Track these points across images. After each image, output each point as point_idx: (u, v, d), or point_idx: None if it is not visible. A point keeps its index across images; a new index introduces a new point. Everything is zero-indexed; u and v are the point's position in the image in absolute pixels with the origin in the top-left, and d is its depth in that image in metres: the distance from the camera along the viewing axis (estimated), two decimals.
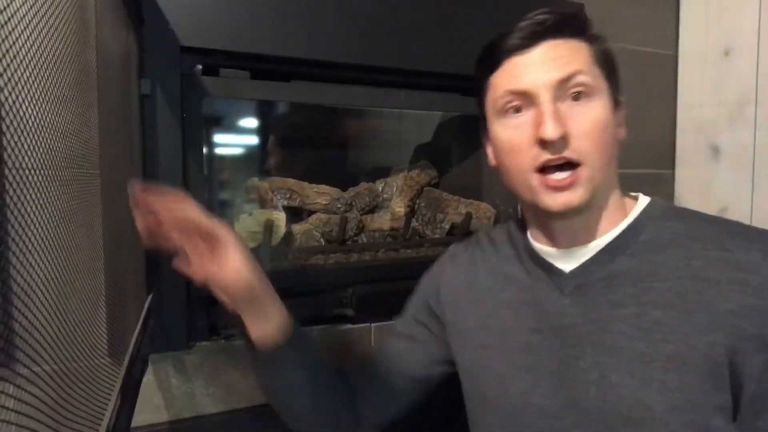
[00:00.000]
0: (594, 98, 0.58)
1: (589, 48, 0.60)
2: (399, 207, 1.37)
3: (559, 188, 0.57)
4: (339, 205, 1.30)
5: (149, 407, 0.91)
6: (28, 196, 0.32)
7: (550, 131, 0.56)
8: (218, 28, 0.93)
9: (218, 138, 1.28)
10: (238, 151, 1.38)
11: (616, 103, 0.61)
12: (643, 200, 0.64)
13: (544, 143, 0.57)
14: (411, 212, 1.38)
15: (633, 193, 0.66)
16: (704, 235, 0.58)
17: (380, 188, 1.42)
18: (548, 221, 0.63)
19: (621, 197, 0.64)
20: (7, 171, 0.30)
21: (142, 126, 0.88)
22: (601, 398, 0.57)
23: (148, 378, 0.90)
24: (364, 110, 1.44)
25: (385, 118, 1.51)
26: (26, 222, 0.32)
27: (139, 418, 0.89)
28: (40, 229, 0.35)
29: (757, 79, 1.34)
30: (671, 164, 1.50)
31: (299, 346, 0.68)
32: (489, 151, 0.69)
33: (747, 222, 0.62)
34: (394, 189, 1.41)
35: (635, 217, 0.62)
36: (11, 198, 0.30)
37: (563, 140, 0.56)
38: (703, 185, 1.43)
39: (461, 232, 1.34)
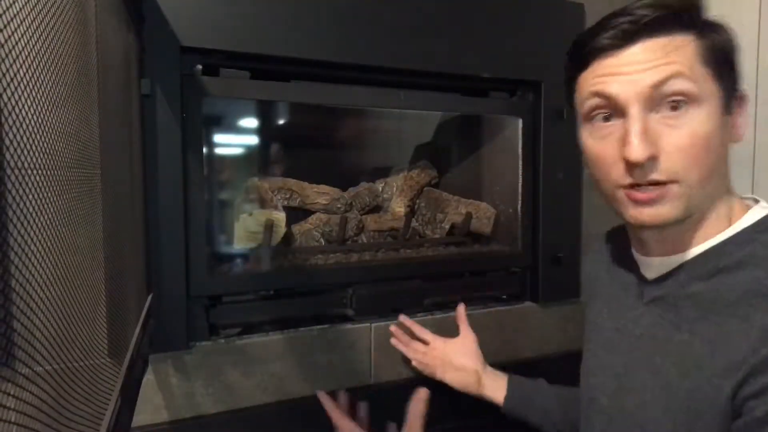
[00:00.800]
0: (696, 106, 0.51)
1: (697, 44, 0.51)
2: (399, 207, 1.37)
3: (645, 202, 0.52)
4: (339, 205, 1.30)
5: (149, 407, 0.91)
6: (28, 196, 0.32)
7: (635, 153, 0.50)
8: (218, 28, 0.93)
9: (218, 138, 1.28)
10: (238, 151, 1.38)
11: (727, 106, 0.54)
12: (751, 215, 0.56)
13: (629, 163, 0.51)
14: (411, 212, 1.38)
15: (750, 199, 0.59)
16: None
17: (380, 188, 1.42)
18: (637, 230, 0.60)
19: (729, 205, 0.57)
20: (7, 171, 0.30)
21: (142, 126, 0.88)
22: (638, 413, 0.57)
23: (148, 378, 0.90)
24: (364, 110, 1.44)
25: (385, 118, 1.51)
26: (26, 222, 0.32)
27: (139, 418, 0.89)
28: (40, 229, 0.35)
29: (757, 78, 1.34)
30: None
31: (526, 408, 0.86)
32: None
33: None
34: (394, 189, 1.41)
35: (725, 238, 0.55)
36: (12, 198, 0.30)
37: (652, 161, 0.50)
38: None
39: (461, 232, 1.34)
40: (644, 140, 0.50)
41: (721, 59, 0.53)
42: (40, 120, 0.36)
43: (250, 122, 1.37)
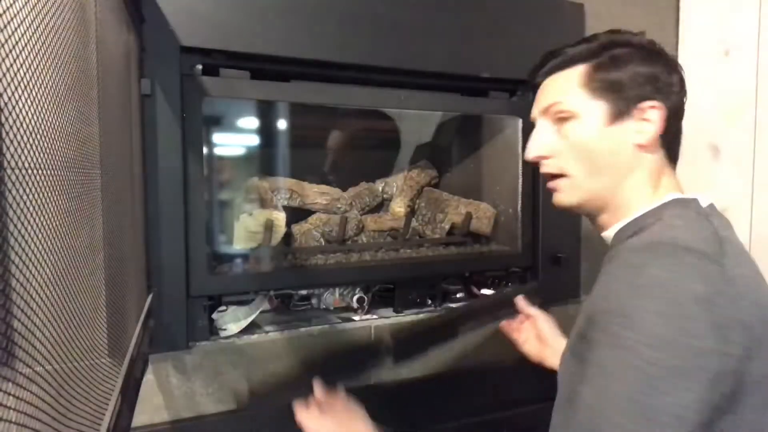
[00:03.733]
0: (575, 120, 0.66)
1: (584, 70, 0.66)
2: (399, 207, 1.37)
3: (551, 189, 0.70)
4: (339, 205, 1.30)
5: (149, 407, 0.91)
6: (28, 196, 0.32)
7: (527, 154, 0.71)
8: (218, 28, 0.93)
9: (218, 138, 1.28)
10: (238, 151, 1.38)
11: (616, 116, 0.65)
12: (666, 198, 0.65)
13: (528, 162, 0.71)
14: (411, 212, 1.38)
15: (668, 194, 0.67)
16: (643, 234, 0.62)
17: (380, 188, 1.42)
18: None
19: (648, 193, 0.67)
20: (7, 171, 0.30)
21: (142, 126, 0.88)
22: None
23: (148, 378, 0.90)
24: (364, 110, 1.44)
25: (385, 118, 1.51)
26: (26, 222, 0.32)
27: (139, 418, 0.89)
28: (40, 229, 0.35)
29: (757, 79, 1.34)
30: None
31: None
32: None
33: (746, 222, 0.62)
34: (394, 189, 1.41)
35: (643, 212, 0.65)
36: (12, 198, 0.30)
37: (546, 158, 0.68)
38: (703, 185, 1.43)
39: (461, 232, 1.34)
40: (532, 145, 0.70)
41: (605, 80, 0.66)
42: (40, 120, 0.36)
43: (250, 122, 1.37)
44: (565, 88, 0.68)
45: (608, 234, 0.69)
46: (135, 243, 0.80)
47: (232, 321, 1.03)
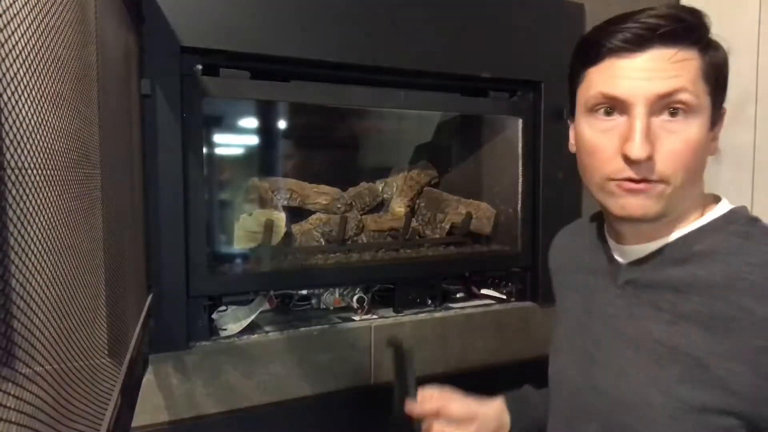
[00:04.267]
0: (692, 117, 0.55)
1: (701, 60, 0.56)
2: (399, 207, 1.37)
3: (634, 192, 0.56)
4: (339, 205, 1.30)
5: (149, 407, 0.91)
6: (28, 196, 0.32)
7: (637, 151, 0.54)
8: (218, 28, 0.93)
9: (218, 138, 1.28)
10: (238, 151, 1.38)
11: (714, 122, 0.58)
12: (721, 208, 0.61)
13: (628, 159, 0.55)
14: (411, 212, 1.38)
15: (718, 198, 0.64)
16: (753, 258, 0.55)
17: (380, 188, 1.42)
18: (617, 221, 0.63)
19: (701, 203, 0.62)
20: (7, 171, 0.30)
21: (142, 126, 0.88)
22: (614, 385, 0.61)
23: (148, 378, 0.90)
24: (364, 110, 1.44)
25: (385, 118, 1.51)
26: (26, 222, 0.32)
27: (139, 418, 0.89)
28: (40, 229, 0.35)
29: (757, 78, 1.34)
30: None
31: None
32: (571, 135, 0.67)
33: None
34: (394, 189, 1.41)
35: (699, 226, 0.60)
36: (12, 198, 0.30)
37: (649, 161, 0.54)
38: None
39: (461, 232, 1.34)
40: (646, 140, 0.54)
41: (718, 78, 0.57)
42: (40, 120, 0.36)
43: (250, 122, 1.37)
44: (691, 73, 0.54)
45: (639, 248, 0.62)
46: (135, 243, 0.80)
47: (232, 321, 1.03)
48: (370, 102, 1.14)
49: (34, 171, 0.34)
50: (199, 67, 0.95)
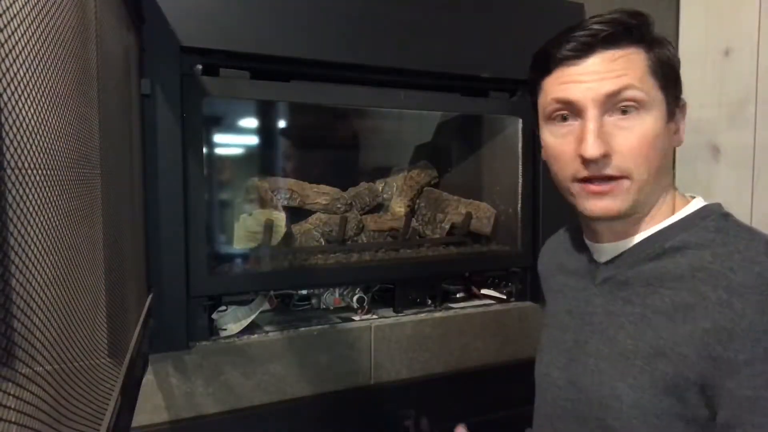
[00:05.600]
0: (644, 112, 0.57)
1: (647, 56, 0.58)
2: (399, 207, 1.37)
3: (599, 194, 0.58)
4: (339, 205, 1.30)
5: (149, 407, 0.91)
6: (28, 196, 0.32)
7: (590, 150, 0.56)
8: (218, 28, 0.93)
9: (218, 138, 1.28)
10: (238, 151, 1.38)
11: (671, 113, 0.60)
12: (694, 205, 0.62)
13: (585, 159, 0.57)
14: (411, 212, 1.38)
15: (690, 195, 0.65)
16: (720, 249, 0.56)
17: (380, 188, 1.42)
18: (590, 221, 0.65)
19: (672, 199, 0.63)
20: (7, 171, 0.30)
21: (142, 126, 0.88)
22: (590, 381, 0.63)
23: (148, 378, 0.90)
24: (364, 110, 1.44)
25: (385, 118, 1.51)
26: (26, 222, 0.32)
27: (139, 418, 0.89)
28: (40, 229, 0.35)
29: (757, 78, 1.34)
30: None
31: None
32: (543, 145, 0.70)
33: (746, 222, 0.62)
34: (394, 189, 1.41)
35: (671, 223, 0.61)
36: (12, 198, 0.30)
37: (605, 158, 0.56)
38: (703, 185, 1.43)
39: (461, 232, 1.34)
40: (598, 139, 0.56)
41: (667, 71, 0.59)
42: (40, 120, 0.36)
43: (250, 122, 1.37)
44: (637, 71, 0.57)
45: (614, 246, 0.63)
46: (135, 243, 0.80)
47: (232, 321, 1.03)
48: (370, 102, 1.14)
49: (34, 171, 0.34)
50: (199, 67, 0.95)
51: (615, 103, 0.57)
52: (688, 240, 0.59)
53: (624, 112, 0.57)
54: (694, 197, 0.65)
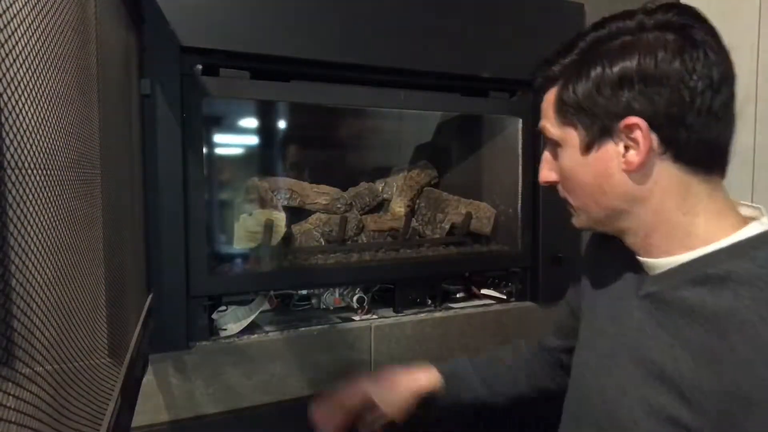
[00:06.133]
0: (561, 148, 0.62)
1: (554, 97, 0.61)
2: (399, 207, 1.37)
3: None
4: (339, 205, 1.30)
5: (149, 407, 0.91)
6: (28, 196, 0.32)
7: (539, 177, 0.66)
8: (218, 28, 0.93)
9: (218, 138, 1.28)
10: (238, 151, 1.38)
11: (589, 145, 0.58)
12: (751, 229, 0.55)
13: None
14: (411, 212, 1.38)
15: (755, 217, 0.58)
16: (760, 293, 0.50)
17: (380, 188, 1.42)
18: None
19: (708, 216, 0.57)
20: (8, 171, 0.30)
21: (142, 126, 0.88)
22: (613, 398, 0.62)
23: (148, 378, 0.90)
24: (364, 110, 1.44)
25: (385, 118, 1.51)
26: (26, 222, 0.32)
27: (139, 418, 0.89)
28: (40, 229, 0.35)
29: (757, 78, 1.33)
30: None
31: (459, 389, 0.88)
32: None
33: None
34: (394, 189, 1.41)
35: (720, 248, 0.55)
36: (12, 198, 0.30)
37: (549, 183, 0.65)
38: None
39: (461, 232, 1.34)
40: (543, 168, 0.66)
41: (571, 104, 0.58)
42: (40, 120, 0.36)
43: (250, 122, 1.37)
44: (546, 112, 0.62)
45: (658, 262, 0.60)
46: (135, 243, 0.80)
47: (232, 321, 1.03)
48: (370, 102, 1.14)
49: (34, 171, 0.34)
50: (199, 67, 0.95)
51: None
52: (731, 270, 0.53)
53: (554, 146, 0.63)
54: (762, 213, 0.58)
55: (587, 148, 0.59)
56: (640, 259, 0.63)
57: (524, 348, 0.93)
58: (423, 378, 0.87)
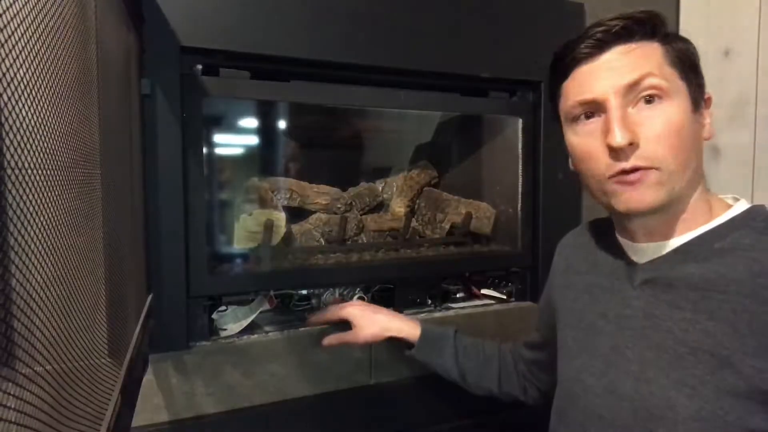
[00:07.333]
0: (668, 100, 0.57)
1: (663, 48, 0.58)
2: (399, 207, 1.37)
3: (630, 184, 0.57)
4: (339, 205, 1.30)
5: (149, 407, 0.91)
6: (28, 196, 0.32)
7: (618, 138, 0.56)
8: (218, 28, 0.93)
9: (218, 138, 1.28)
10: (238, 151, 1.38)
11: (696, 103, 0.59)
12: (739, 207, 0.61)
13: (613, 150, 0.57)
14: (411, 212, 1.38)
15: (732, 197, 0.64)
16: None
17: (380, 188, 1.42)
18: (625, 218, 0.64)
19: (706, 199, 0.62)
20: (8, 171, 0.30)
21: (142, 126, 0.88)
22: (635, 389, 0.60)
23: (148, 378, 0.90)
24: (364, 110, 1.44)
25: (385, 118, 1.51)
26: (26, 222, 0.32)
27: (139, 418, 0.89)
28: (40, 229, 0.35)
29: (757, 79, 1.34)
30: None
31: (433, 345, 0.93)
32: (569, 153, 0.69)
33: None
34: (394, 189, 1.41)
35: (719, 224, 0.60)
36: (12, 198, 0.30)
37: (632, 146, 0.56)
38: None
39: (461, 232, 1.34)
40: (624, 127, 0.56)
41: (686, 62, 0.59)
42: (40, 120, 0.36)
43: (250, 122, 1.37)
44: (654, 61, 0.57)
45: (663, 245, 0.61)
46: (135, 243, 0.80)
47: (232, 321, 1.03)
48: (370, 102, 1.14)
49: (34, 171, 0.34)
50: (199, 67, 0.95)
51: (637, 94, 0.57)
52: (738, 242, 0.57)
53: (648, 101, 0.57)
54: (738, 199, 0.63)
55: (694, 106, 0.59)
56: (639, 245, 0.64)
57: (507, 351, 0.94)
58: (404, 327, 0.94)
